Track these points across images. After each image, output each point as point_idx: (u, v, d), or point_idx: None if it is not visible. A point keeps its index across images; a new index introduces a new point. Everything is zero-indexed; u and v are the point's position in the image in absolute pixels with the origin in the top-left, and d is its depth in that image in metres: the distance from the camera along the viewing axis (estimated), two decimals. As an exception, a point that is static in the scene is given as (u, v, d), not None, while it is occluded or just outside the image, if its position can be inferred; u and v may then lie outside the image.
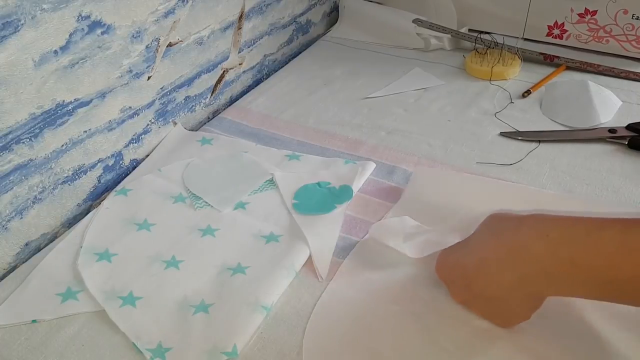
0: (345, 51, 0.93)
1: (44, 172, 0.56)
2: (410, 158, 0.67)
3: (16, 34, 0.49)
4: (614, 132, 0.67)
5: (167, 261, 0.53)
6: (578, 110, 0.72)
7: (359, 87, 0.82)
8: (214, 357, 0.44)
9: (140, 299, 0.50)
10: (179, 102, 0.73)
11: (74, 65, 0.55)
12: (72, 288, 0.51)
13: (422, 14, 0.93)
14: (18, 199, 0.54)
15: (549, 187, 0.61)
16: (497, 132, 0.71)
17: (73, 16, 0.53)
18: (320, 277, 0.52)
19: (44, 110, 0.54)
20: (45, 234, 0.59)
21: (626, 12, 0.81)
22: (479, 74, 0.82)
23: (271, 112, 0.77)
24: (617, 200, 0.59)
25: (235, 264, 0.53)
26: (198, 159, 0.67)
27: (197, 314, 0.48)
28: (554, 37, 0.89)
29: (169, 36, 0.66)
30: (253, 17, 0.81)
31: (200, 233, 0.57)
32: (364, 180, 0.63)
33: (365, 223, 0.57)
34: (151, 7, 0.62)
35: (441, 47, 0.91)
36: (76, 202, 0.61)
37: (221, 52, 0.77)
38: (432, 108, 0.77)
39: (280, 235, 0.56)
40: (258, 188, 0.62)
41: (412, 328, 0.46)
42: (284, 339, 0.46)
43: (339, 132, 0.73)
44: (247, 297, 0.49)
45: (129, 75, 0.63)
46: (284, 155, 0.67)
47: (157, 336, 0.46)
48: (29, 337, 0.47)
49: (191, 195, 0.61)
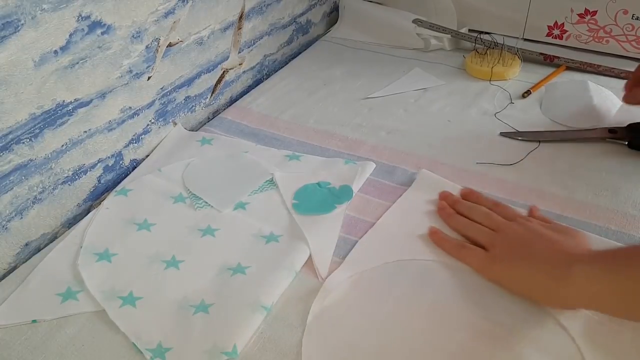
0: (345, 51, 0.93)
1: (44, 172, 0.56)
2: (410, 158, 0.67)
3: (16, 34, 0.49)
4: (614, 132, 0.67)
5: (167, 261, 0.53)
6: (578, 111, 0.72)
7: (359, 87, 0.82)
8: (214, 357, 0.44)
9: (140, 299, 0.50)
10: (179, 102, 0.73)
11: (74, 65, 0.55)
12: (72, 288, 0.51)
13: (422, 14, 0.93)
14: (18, 199, 0.54)
15: (549, 187, 0.61)
16: (497, 132, 0.71)
17: (73, 16, 0.53)
18: (321, 277, 0.52)
19: (44, 110, 0.54)
20: (45, 234, 0.59)
21: (626, 13, 0.81)
22: (479, 74, 0.82)
23: (271, 112, 0.77)
24: (617, 200, 0.59)
25: (235, 264, 0.53)
26: (198, 159, 0.67)
27: (197, 314, 0.48)
28: (554, 37, 0.89)
29: (169, 36, 0.66)
30: (253, 17, 0.81)
31: (200, 233, 0.57)
32: (364, 180, 0.63)
33: (365, 223, 0.57)
34: (151, 7, 0.62)
35: (441, 47, 0.91)
36: (76, 202, 0.61)
37: (221, 52, 0.77)
38: (432, 108, 0.77)
39: (280, 235, 0.56)
40: (258, 188, 0.62)
41: (412, 328, 0.46)
42: (284, 339, 0.46)
43: (339, 132, 0.73)
44: (247, 297, 0.49)
45: (129, 76, 0.63)
46: (284, 156, 0.67)
47: (157, 336, 0.46)
48: (29, 337, 0.47)
49: (191, 195, 0.61)
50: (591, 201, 0.59)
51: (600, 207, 0.58)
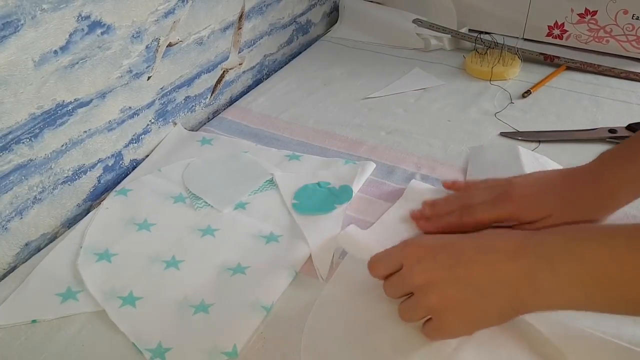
0: (345, 51, 0.93)
1: (44, 172, 0.56)
2: (410, 158, 0.67)
3: (16, 34, 0.49)
4: (614, 132, 0.67)
5: (167, 261, 0.53)
6: None
7: (359, 87, 0.82)
8: (214, 357, 0.44)
9: (140, 299, 0.50)
10: (179, 102, 0.73)
11: (74, 65, 0.55)
12: (72, 288, 0.51)
13: (422, 14, 0.93)
14: (18, 199, 0.54)
15: (549, 187, 0.61)
16: (497, 132, 0.71)
17: (73, 16, 0.53)
18: (321, 277, 0.52)
19: (44, 110, 0.54)
20: (45, 234, 0.59)
21: (626, 13, 0.81)
22: (479, 74, 0.82)
23: (271, 112, 0.77)
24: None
25: (235, 264, 0.53)
26: (198, 159, 0.67)
27: (197, 314, 0.48)
28: (554, 37, 0.89)
29: (169, 36, 0.66)
30: (253, 17, 0.81)
31: (200, 233, 0.57)
32: (364, 180, 0.63)
33: (365, 223, 0.57)
34: (151, 7, 0.62)
35: (441, 47, 0.91)
36: (76, 202, 0.61)
37: (221, 52, 0.77)
38: (432, 108, 0.77)
39: (280, 235, 0.56)
40: (258, 188, 0.62)
41: (411, 328, 0.46)
42: (284, 339, 0.46)
43: (339, 132, 0.73)
44: (247, 297, 0.49)
45: (129, 76, 0.63)
46: (284, 156, 0.67)
47: (157, 336, 0.46)
48: (29, 337, 0.47)
49: (191, 195, 0.61)
50: (591, 201, 0.59)
51: (600, 207, 0.58)
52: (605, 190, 0.48)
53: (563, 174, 0.52)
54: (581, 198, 0.49)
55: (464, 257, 0.42)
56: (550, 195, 0.50)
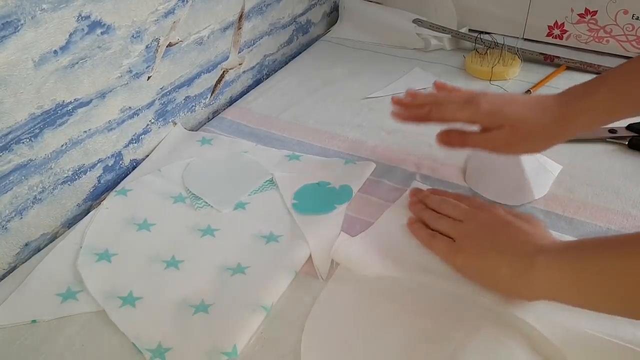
0: (345, 51, 0.93)
1: (44, 172, 0.56)
2: (410, 158, 0.67)
3: (16, 34, 0.49)
4: (614, 132, 0.67)
5: (167, 261, 0.53)
6: (505, 185, 0.61)
7: (359, 87, 0.82)
8: (214, 357, 0.44)
9: (140, 299, 0.50)
10: (179, 102, 0.73)
11: (74, 65, 0.55)
12: (72, 288, 0.51)
13: (422, 14, 0.93)
14: (18, 199, 0.54)
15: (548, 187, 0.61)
16: (497, 132, 0.70)
17: (73, 16, 0.53)
18: (321, 277, 0.52)
19: (44, 110, 0.54)
20: (45, 234, 0.59)
21: (626, 12, 0.81)
22: (479, 74, 0.82)
23: (271, 112, 0.77)
24: (617, 200, 0.59)
25: (235, 264, 0.53)
26: (198, 159, 0.67)
27: (197, 314, 0.48)
28: (554, 37, 0.89)
29: (169, 36, 0.66)
30: (253, 17, 0.81)
31: (200, 233, 0.57)
32: (364, 180, 0.63)
33: (365, 223, 0.57)
34: (151, 7, 0.62)
35: (441, 47, 0.91)
36: (76, 202, 0.61)
37: (221, 52, 0.77)
38: (432, 108, 0.77)
39: (280, 235, 0.56)
40: (258, 188, 0.62)
41: (411, 328, 0.46)
42: (283, 339, 0.46)
43: (339, 132, 0.72)
44: (247, 297, 0.49)
45: (129, 75, 0.63)
46: (284, 156, 0.67)
47: (156, 336, 0.46)
48: (29, 337, 0.47)
49: (191, 195, 0.61)
50: (591, 201, 0.59)
51: (600, 207, 0.58)
52: (565, 114, 0.52)
53: (532, 97, 0.56)
54: (540, 118, 0.53)
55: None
56: (512, 108, 0.53)
